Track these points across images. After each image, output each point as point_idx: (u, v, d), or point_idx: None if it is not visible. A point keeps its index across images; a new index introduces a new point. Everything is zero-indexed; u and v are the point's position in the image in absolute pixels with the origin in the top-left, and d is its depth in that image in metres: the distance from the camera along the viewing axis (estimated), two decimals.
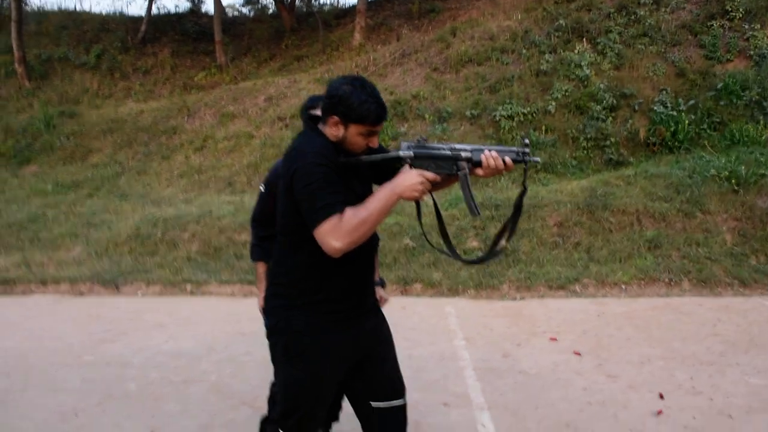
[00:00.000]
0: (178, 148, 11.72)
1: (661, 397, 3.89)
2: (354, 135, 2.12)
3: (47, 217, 9.08)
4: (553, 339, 5.01)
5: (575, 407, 3.73)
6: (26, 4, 18.92)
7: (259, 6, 22.84)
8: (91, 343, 5.11)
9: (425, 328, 5.37)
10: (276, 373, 2.32)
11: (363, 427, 2.53)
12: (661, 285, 6.64)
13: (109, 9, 22.37)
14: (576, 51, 11.65)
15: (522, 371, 4.33)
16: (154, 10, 19.82)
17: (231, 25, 19.10)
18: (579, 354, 4.65)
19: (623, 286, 6.58)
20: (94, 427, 3.65)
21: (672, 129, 9.60)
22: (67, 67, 16.85)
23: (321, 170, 2.04)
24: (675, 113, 9.85)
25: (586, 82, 10.92)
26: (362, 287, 2.30)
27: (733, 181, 7.63)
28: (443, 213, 2.48)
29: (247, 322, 5.61)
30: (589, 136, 10.02)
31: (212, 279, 6.89)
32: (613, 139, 9.88)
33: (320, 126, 2.20)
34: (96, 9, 23.59)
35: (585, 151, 9.93)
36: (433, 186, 2.14)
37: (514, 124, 10.45)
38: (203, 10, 20.98)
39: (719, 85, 10.11)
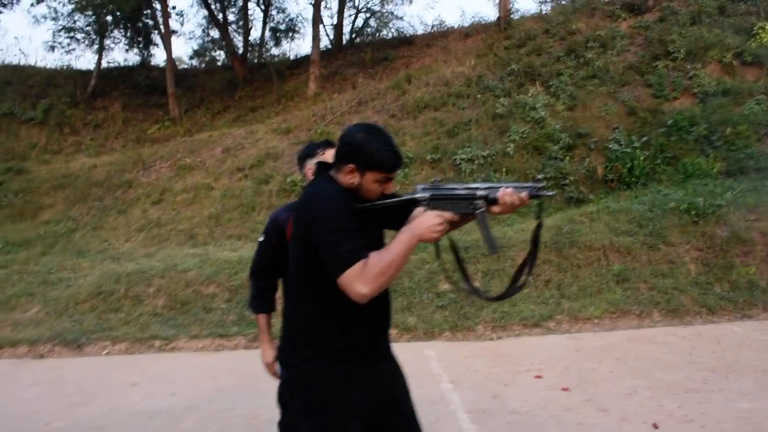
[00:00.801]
0: (135, 201, 11.45)
1: (656, 426, 3.90)
2: (370, 182, 2.13)
3: (0, 277, 8.68)
4: (539, 376, 5.00)
5: None
6: None
7: (209, 58, 22.92)
8: (60, 408, 4.84)
9: (409, 372, 5.17)
10: (290, 428, 2.21)
11: None
12: (632, 317, 6.75)
13: (56, 64, 22.03)
14: (530, 94, 12.01)
15: (514, 411, 4.28)
16: (104, 64, 19.59)
17: (183, 77, 19.01)
18: (567, 389, 4.64)
19: (596, 321, 6.66)
20: None
21: (628, 165, 9.90)
22: (12, 122, 16.39)
23: (342, 216, 2.03)
24: (629, 150, 10.19)
25: (541, 124, 11.22)
26: (380, 331, 2.27)
27: (692, 212, 7.87)
28: (414, 258, 2.47)
29: (225, 376, 5.43)
30: (548, 175, 10.23)
31: (181, 334, 6.66)
32: (572, 178, 10.12)
33: (332, 173, 2.19)
34: (42, 63, 23.15)
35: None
36: (451, 226, 2.14)
37: (475, 166, 10.61)
38: (153, 62, 20.87)
39: (669, 122, 10.53)
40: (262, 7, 20.93)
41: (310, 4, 17.07)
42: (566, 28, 14.19)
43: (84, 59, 24.29)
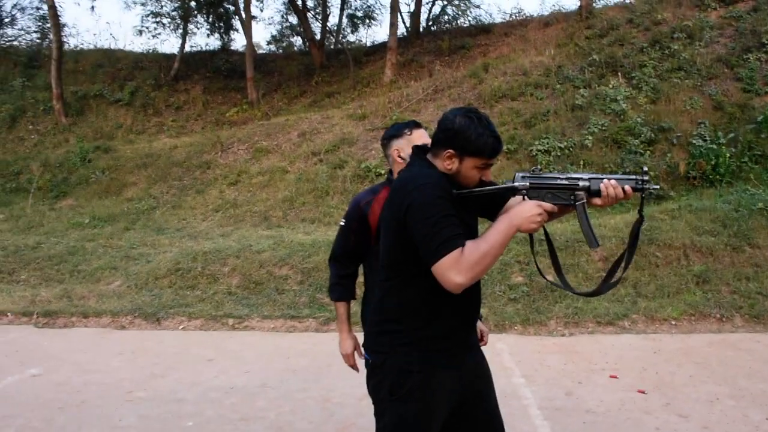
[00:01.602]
0: (213, 182, 11.80)
1: None
2: (469, 168, 2.07)
3: (86, 250, 9.12)
4: (614, 376, 4.86)
5: None
6: (65, 43, 19.40)
7: (287, 43, 23.28)
8: (142, 378, 5.04)
9: None
10: (379, 414, 2.22)
11: None
12: (712, 321, 6.47)
13: (142, 48, 22.93)
14: (611, 85, 11.64)
15: (589, 410, 4.18)
16: (187, 48, 20.23)
17: (261, 62, 19.39)
18: (644, 392, 4.49)
19: (674, 322, 6.42)
20: None
21: (712, 162, 9.48)
22: (102, 103, 17.21)
23: (440, 203, 1.98)
24: (715, 146, 9.75)
25: (622, 116, 10.87)
26: (469, 323, 2.22)
27: None
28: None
29: (297, 358, 5.53)
30: (627, 170, 9.91)
31: (254, 313, 6.83)
32: (652, 173, 9.76)
33: (430, 157, 2.15)
34: (130, 47, 24.14)
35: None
36: (549, 216, 2.06)
37: (551, 158, 10.39)
38: (233, 47, 21.39)
39: (759, 118, 10.00)
40: None
41: None
42: (651, 18, 13.64)
43: (168, 43, 25.26)
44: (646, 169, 2.07)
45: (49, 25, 18.81)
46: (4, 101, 17.23)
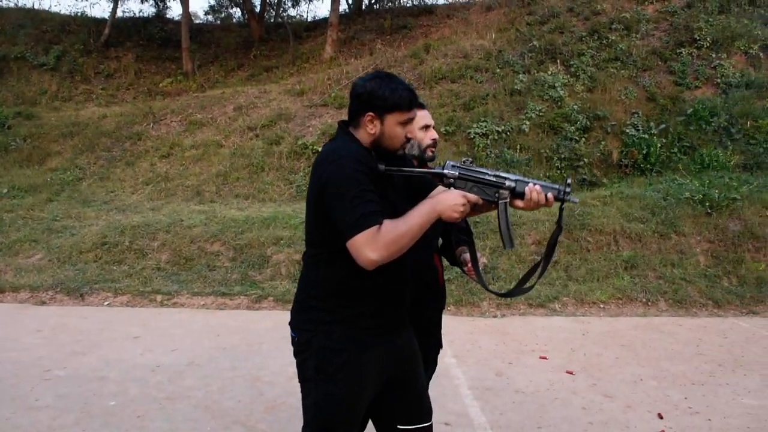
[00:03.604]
0: (143, 154, 11.35)
1: (660, 416, 3.85)
2: (392, 126, 2.04)
3: (3, 221, 8.63)
4: (543, 357, 4.95)
5: (578, 427, 3.65)
6: None
7: (225, 14, 22.65)
8: (62, 356, 4.81)
9: None
10: (305, 393, 2.15)
11: None
12: (638, 305, 6.69)
13: (70, 10, 21.85)
14: (549, 72, 11.79)
15: (518, 390, 4.23)
16: (119, 13, 19.35)
17: (198, 32, 18.78)
18: (572, 373, 4.59)
19: (602, 305, 6.61)
20: None
21: (644, 151, 9.76)
22: (24, 66, 16.25)
23: (357, 177, 1.93)
24: (646, 136, 10.03)
25: (559, 103, 11.04)
26: (396, 302, 2.17)
27: (706, 204, 7.77)
28: None
29: (227, 335, 5.40)
30: (562, 156, 10.10)
31: (184, 290, 6.63)
32: (586, 160, 9.98)
33: (352, 130, 2.10)
34: (56, 8, 22.94)
35: (558, 171, 9.99)
36: (472, 209, 2.07)
37: (489, 141, 10.47)
38: (168, 15, 20.62)
39: (689, 111, 10.35)
40: None
41: None
42: (591, 8, 13.86)
43: (99, 7, 24.12)
44: (569, 181, 2.10)
45: None
46: None
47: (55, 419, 3.70)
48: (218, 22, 21.94)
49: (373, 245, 1.87)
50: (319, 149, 10.35)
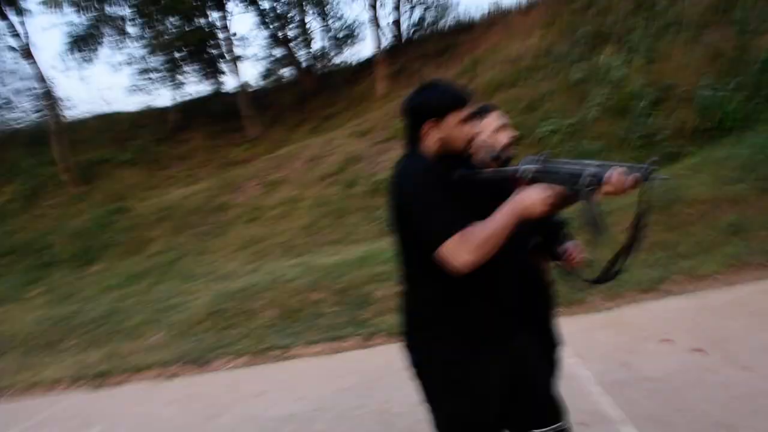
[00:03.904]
0: (231, 223, 11.88)
1: None
2: (453, 128, 2.07)
3: (123, 309, 9.21)
4: (667, 341, 4.78)
5: (721, 405, 3.51)
6: (63, 117, 19.72)
7: (277, 76, 23.49)
8: (198, 422, 5.06)
9: None
10: (431, 414, 2.19)
11: None
12: (755, 268, 6.33)
13: (138, 106, 23.42)
14: (605, 55, 11.56)
15: (648, 378, 4.11)
16: (181, 98, 20.49)
17: (256, 98, 19.57)
18: (701, 350, 4.41)
19: (716, 276, 6.30)
20: None
21: (724, 111, 9.36)
22: (108, 166, 17.45)
23: (431, 190, 1.97)
24: (722, 95, 9.61)
25: (623, 83, 10.78)
26: (506, 305, 2.18)
27: None
28: None
29: (347, 376, 5.51)
30: (638, 135, 9.83)
31: (297, 341, 6.82)
32: (664, 133, 9.67)
33: (418, 148, 2.13)
34: (126, 108, 24.51)
35: (637, 151, 9.72)
36: (557, 204, 2.02)
37: (561, 137, 10.34)
38: (225, 89, 21.59)
39: (763, 58, 9.85)
40: (320, 19, 21.25)
41: (371, 6, 17.02)
42: None
43: (162, 97, 25.54)
44: (654, 159, 2.02)
45: (45, 102, 19.17)
46: (20, 183, 17.54)
47: None
48: (272, 85, 22.74)
49: (461, 248, 1.89)
50: None
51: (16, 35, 17.34)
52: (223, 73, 21.15)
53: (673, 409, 3.57)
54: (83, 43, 19.36)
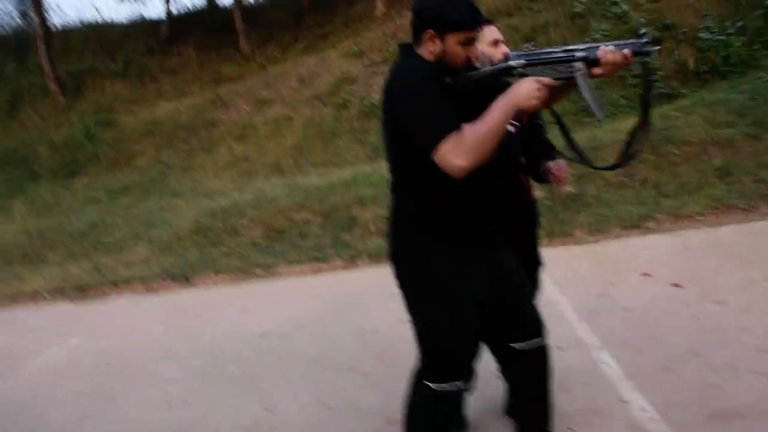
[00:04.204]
0: (220, 140, 11.74)
1: None
2: (453, 45, 1.99)
3: (106, 223, 9.18)
4: (646, 275, 4.85)
5: (693, 335, 3.59)
6: (50, 24, 19.08)
7: None
8: (180, 336, 5.12)
9: None
10: (413, 322, 2.22)
11: (506, 373, 2.45)
12: (737, 212, 6.37)
13: (128, 17, 22.76)
14: None
15: (625, 308, 4.19)
16: (173, 10, 19.87)
17: (250, 14, 18.95)
18: (679, 285, 4.48)
19: (699, 218, 6.34)
20: (209, 411, 3.65)
21: (722, 54, 9.21)
22: (96, 78, 16.99)
23: (426, 92, 1.93)
24: (723, 37, 9.43)
25: (624, 19, 10.55)
26: (489, 217, 2.18)
27: None
28: None
29: (327, 296, 5.58)
30: (635, 72, 9.68)
31: (280, 261, 6.86)
32: (661, 72, 9.53)
33: (415, 49, 2.07)
34: (115, 18, 23.80)
35: (633, 89, 9.60)
36: (552, 95, 1.99)
37: None
38: (220, 3, 20.98)
39: (767, 2, 9.64)
40: None
41: None
42: None
43: (153, 8, 24.77)
44: (643, 31, 1.96)
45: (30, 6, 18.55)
46: (1, 90, 17.11)
47: (186, 390, 3.99)
48: (267, 0, 22.08)
49: (457, 151, 1.86)
50: None
51: None
52: None
53: (647, 338, 3.65)
54: None
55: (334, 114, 10.91)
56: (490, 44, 2.51)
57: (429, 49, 2.01)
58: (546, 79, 1.94)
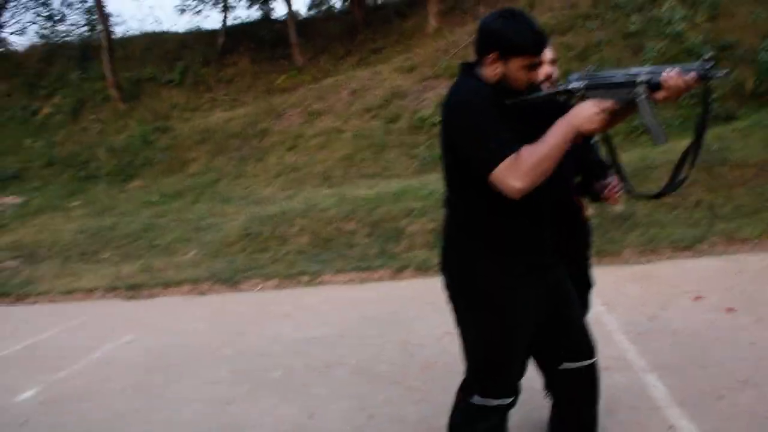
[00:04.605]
0: (271, 149, 11.97)
1: None
2: (516, 70, 1.97)
3: (159, 226, 9.44)
4: (698, 298, 4.73)
5: (747, 364, 3.47)
6: (113, 33, 19.80)
7: (327, 6, 23.09)
8: (227, 337, 5.22)
9: None
10: (462, 336, 2.22)
11: (554, 393, 2.42)
12: None
13: (187, 27, 23.46)
14: (664, 8, 11.09)
15: (675, 332, 4.09)
16: (229, 22, 20.37)
17: (304, 27, 19.31)
18: (733, 310, 4.36)
19: (755, 242, 6.17)
20: (251, 413, 3.70)
21: None
22: (155, 86, 17.58)
23: (485, 112, 1.92)
24: None
25: (680, 38, 10.37)
26: (542, 237, 2.16)
27: None
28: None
29: (372, 306, 5.61)
30: (691, 92, 9.47)
31: (326, 269, 6.93)
32: (718, 93, 9.32)
33: (477, 69, 2.07)
34: (175, 28, 24.58)
35: (689, 109, 9.41)
36: (612, 118, 1.94)
37: None
38: (274, 16, 21.39)
39: None
40: None
41: None
42: None
43: (211, 20, 25.39)
44: (709, 54, 1.87)
45: (96, 16, 19.25)
46: (65, 95, 17.81)
47: (230, 391, 4.06)
48: (321, 14, 22.43)
49: (515, 173, 1.85)
50: (436, 121, 10.52)
51: None
52: None
53: (698, 363, 3.55)
54: None
55: (384, 127, 11.02)
56: (547, 63, 2.50)
57: (491, 71, 2.01)
58: (607, 102, 1.90)
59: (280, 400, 3.82)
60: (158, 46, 19.41)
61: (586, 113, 1.88)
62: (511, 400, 2.23)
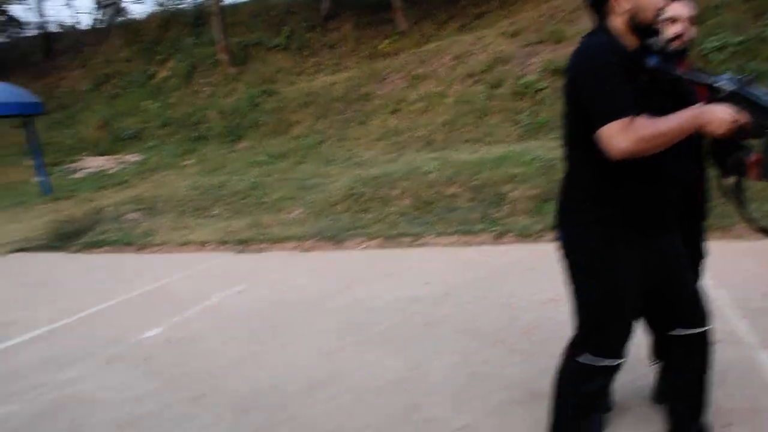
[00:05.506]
0: (373, 113, 12.14)
1: None
2: None
3: (266, 184, 9.86)
4: None
5: None
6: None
7: None
8: (332, 292, 5.44)
9: None
10: (573, 294, 2.26)
11: (666, 359, 2.43)
12: None
13: None
14: None
15: None
16: None
17: None
18: None
19: None
20: (358, 362, 3.88)
21: None
22: (262, 50, 18.14)
23: (611, 69, 1.91)
24: None
25: None
26: (656, 204, 2.13)
27: None
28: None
29: (475, 269, 5.67)
30: None
31: (428, 231, 7.05)
32: None
33: (604, 22, 2.06)
34: None
35: None
36: (737, 132, 1.86)
37: (725, 55, 9.47)
38: None
39: None
40: None
41: None
42: None
43: None
44: None
45: None
46: (179, 60, 18.73)
47: (337, 341, 4.26)
48: None
49: (624, 135, 1.84)
50: (542, 87, 10.31)
51: None
52: None
53: None
54: None
55: (486, 92, 10.91)
56: (671, 18, 2.44)
57: (620, 11, 2.00)
58: (743, 119, 1.84)
59: (385, 352, 3.98)
60: (265, 12, 19.96)
61: (719, 117, 1.84)
62: (618, 362, 2.25)
